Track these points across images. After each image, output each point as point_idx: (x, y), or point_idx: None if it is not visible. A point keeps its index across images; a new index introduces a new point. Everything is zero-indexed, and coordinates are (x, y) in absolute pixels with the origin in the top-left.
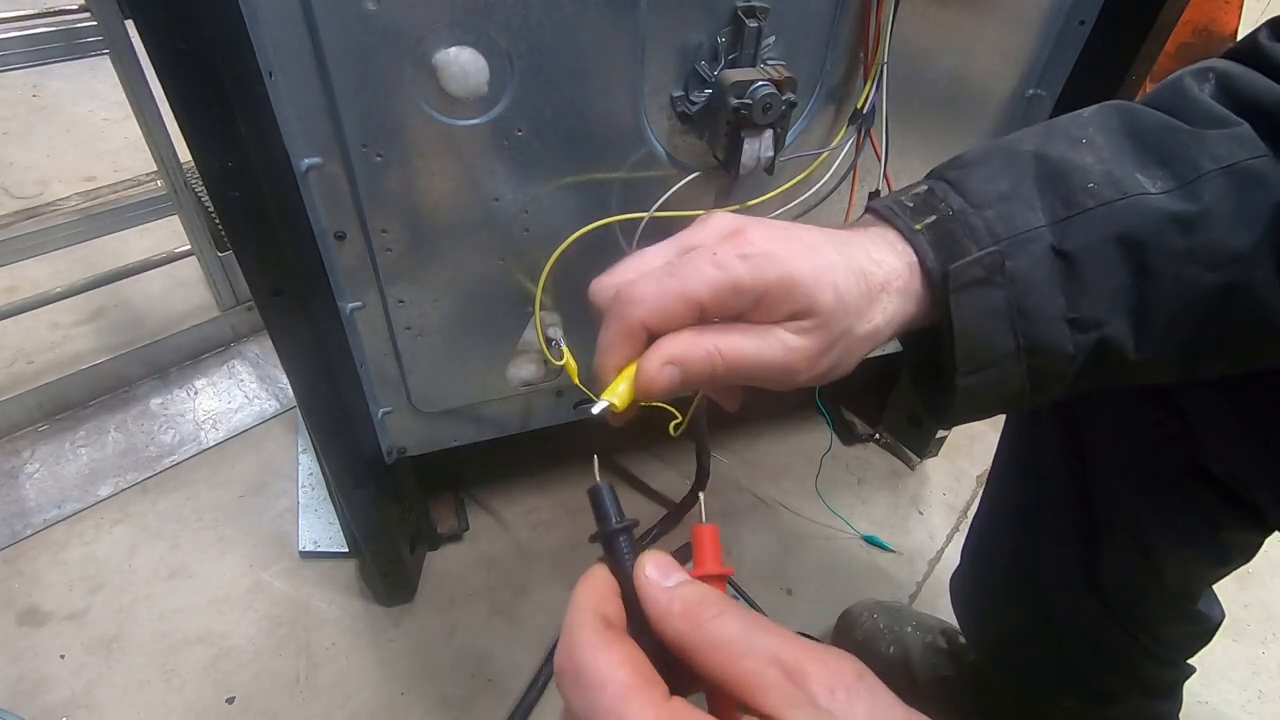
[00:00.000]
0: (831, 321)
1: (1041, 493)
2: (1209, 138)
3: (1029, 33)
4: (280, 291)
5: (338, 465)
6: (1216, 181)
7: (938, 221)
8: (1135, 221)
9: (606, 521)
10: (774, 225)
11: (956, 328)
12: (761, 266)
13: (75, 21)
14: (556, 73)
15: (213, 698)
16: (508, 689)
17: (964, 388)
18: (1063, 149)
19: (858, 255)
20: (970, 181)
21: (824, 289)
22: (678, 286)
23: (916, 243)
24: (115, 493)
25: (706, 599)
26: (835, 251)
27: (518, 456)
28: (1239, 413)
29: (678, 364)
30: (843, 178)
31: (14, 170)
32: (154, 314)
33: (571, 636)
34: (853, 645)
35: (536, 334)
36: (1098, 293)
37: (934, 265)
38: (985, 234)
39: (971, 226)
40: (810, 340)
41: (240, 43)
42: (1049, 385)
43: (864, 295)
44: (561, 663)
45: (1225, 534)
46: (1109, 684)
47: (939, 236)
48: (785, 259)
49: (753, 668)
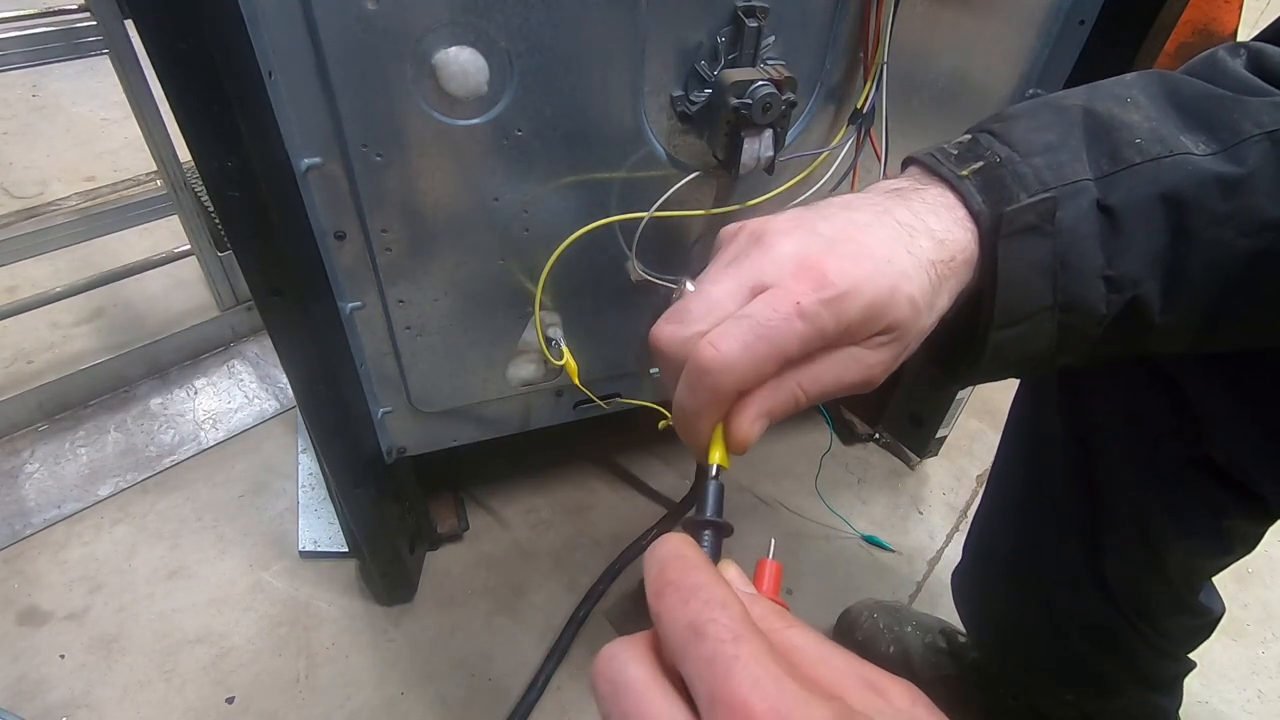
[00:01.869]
0: (908, 330)
1: (1045, 485)
2: (1250, 104)
3: (1028, 32)
4: (280, 291)
5: (338, 465)
6: (1260, 146)
7: (984, 168)
8: (1180, 180)
9: (704, 511)
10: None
11: (1002, 277)
12: (845, 309)
13: (75, 21)
14: (556, 72)
15: (213, 698)
16: (508, 689)
17: (996, 342)
18: (1109, 106)
19: (923, 244)
20: (1016, 132)
21: (901, 305)
22: (768, 349)
23: (964, 189)
24: (115, 493)
25: (781, 611)
26: (905, 252)
27: (518, 456)
28: (1242, 400)
29: (767, 415)
30: (843, 177)
31: (14, 170)
32: (154, 314)
33: (685, 561)
34: (853, 645)
35: (536, 334)
36: (1137, 251)
37: (983, 210)
38: (1035, 181)
39: (1020, 174)
40: (888, 352)
41: (240, 43)
42: (1075, 345)
43: (935, 289)
44: (669, 578)
45: (1228, 523)
46: (1111, 676)
47: (987, 182)
48: (862, 290)
49: (834, 674)
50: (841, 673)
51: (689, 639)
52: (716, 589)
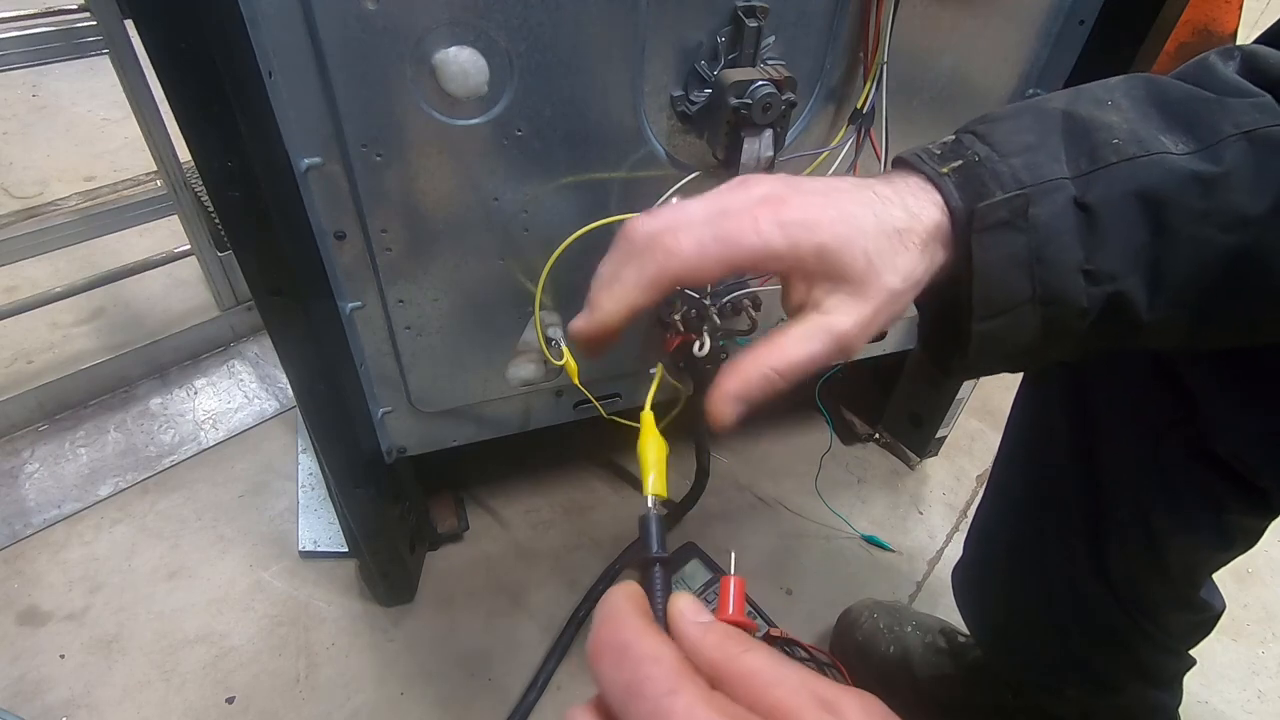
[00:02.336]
0: (867, 285)
1: (1047, 480)
2: (1232, 105)
3: (1028, 32)
4: (280, 291)
5: (337, 465)
6: (1238, 145)
7: (964, 166)
8: (1157, 179)
9: (649, 548)
10: (814, 190)
11: (977, 269)
12: (796, 236)
13: (75, 21)
14: (556, 72)
15: (213, 697)
16: (508, 689)
17: (979, 333)
18: (1089, 108)
19: (894, 213)
20: (997, 133)
21: (855, 256)
22: (718, 250)
23: (943, 185)
24: (115, 493)
25: (738, 634)
26: (871, 214)
27: (518, 456)
28: (1245, 393)
29: (741, 398)
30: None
31: (14, 170)
32: (154, 314)
33: (616, 619)
34: (853, 645)
35: (536, 334)
36: (1115, 247)
37: (959, 205)
38: (1010, 179)
39: (997, 173)
40: (853, 313)
41: (240, 43)
42: (1062, 339)
43: (898, 252)
44: (603, 640)
45: (1230, 518)
46: (1112, 672)
47: (965, 179)
48: (819, 227)
49: (788, 696)
50: (795, 692)
51: (628, 699)
52: (647, 644)
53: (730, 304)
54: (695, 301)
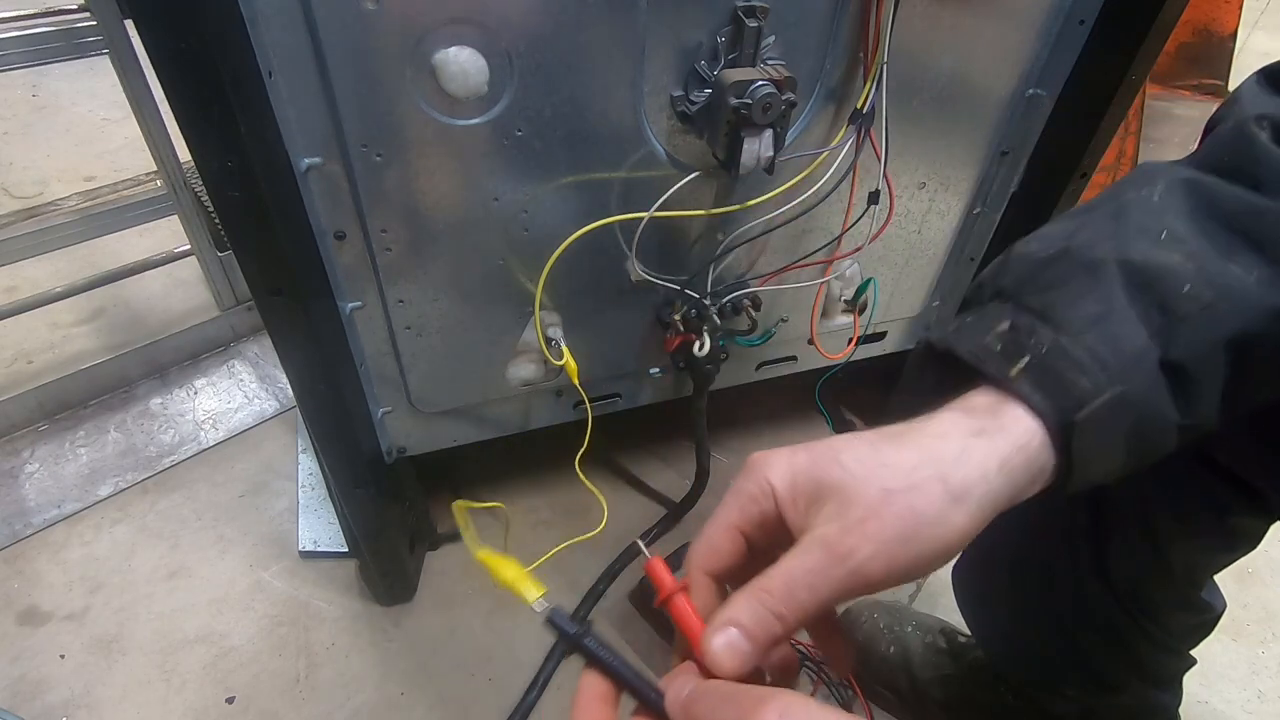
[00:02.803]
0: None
1: None
2: None
3: (1029, 32)
4: (280, 291)
5: (338, 465)
6: None
7: (1032, 363)
8: (1242, 323)
9: (570, 636)
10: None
11: (1075, 462)
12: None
13: (75, 21)
14: (556, 72)
15: (213, 697)
16: (508, 689)
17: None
18: (1144, 250)
19: (976, 493)
20: (1057, 308)
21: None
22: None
23: (1017, 390)
24: (115, 493)
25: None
26: (965, 518)
27: (518, 456)
28: None
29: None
30: (843, 177)
31: (14, 170)
32: (154, 314)
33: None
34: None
35: (536, 334)
36: (1209, 396)
37: (1045, 408)
38: (1092, 364)
39: (1074, 359)
40: None
41: (240, 43)
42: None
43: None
44: None
45: (1232, 520)
46: (1112, 672)
47: (1040, 376)
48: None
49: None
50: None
51: None
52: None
53: (730, 304)
54: (695, 301)
